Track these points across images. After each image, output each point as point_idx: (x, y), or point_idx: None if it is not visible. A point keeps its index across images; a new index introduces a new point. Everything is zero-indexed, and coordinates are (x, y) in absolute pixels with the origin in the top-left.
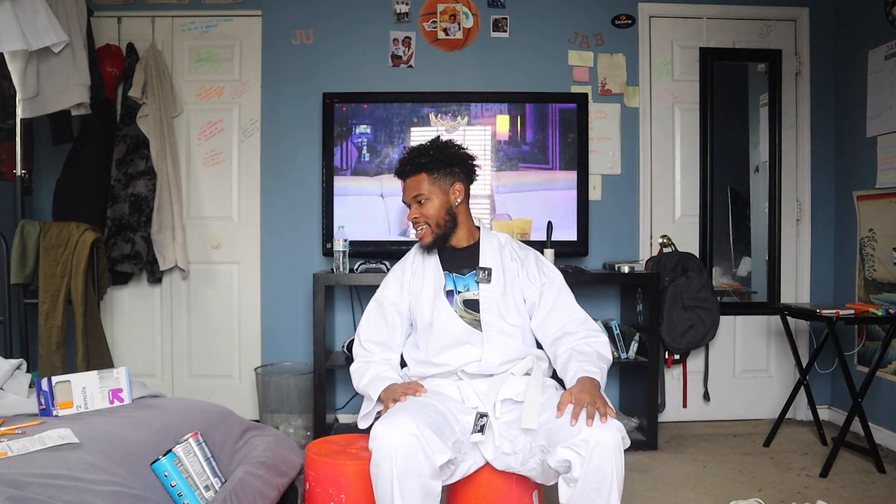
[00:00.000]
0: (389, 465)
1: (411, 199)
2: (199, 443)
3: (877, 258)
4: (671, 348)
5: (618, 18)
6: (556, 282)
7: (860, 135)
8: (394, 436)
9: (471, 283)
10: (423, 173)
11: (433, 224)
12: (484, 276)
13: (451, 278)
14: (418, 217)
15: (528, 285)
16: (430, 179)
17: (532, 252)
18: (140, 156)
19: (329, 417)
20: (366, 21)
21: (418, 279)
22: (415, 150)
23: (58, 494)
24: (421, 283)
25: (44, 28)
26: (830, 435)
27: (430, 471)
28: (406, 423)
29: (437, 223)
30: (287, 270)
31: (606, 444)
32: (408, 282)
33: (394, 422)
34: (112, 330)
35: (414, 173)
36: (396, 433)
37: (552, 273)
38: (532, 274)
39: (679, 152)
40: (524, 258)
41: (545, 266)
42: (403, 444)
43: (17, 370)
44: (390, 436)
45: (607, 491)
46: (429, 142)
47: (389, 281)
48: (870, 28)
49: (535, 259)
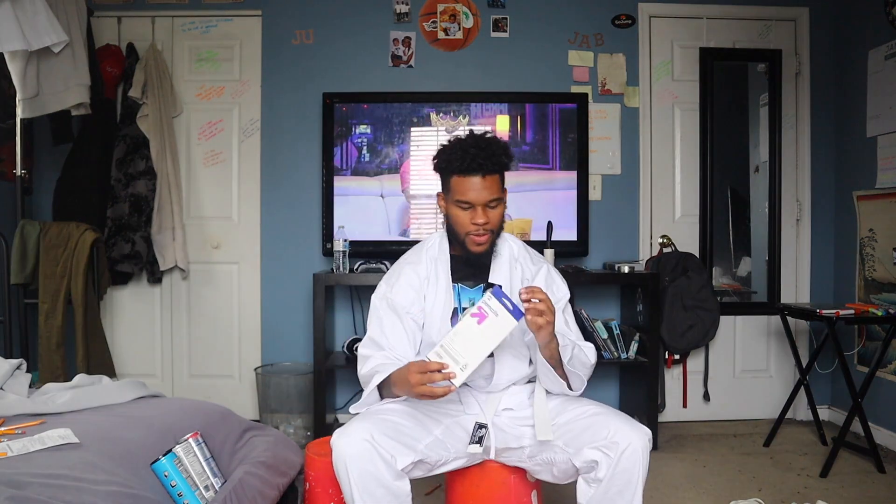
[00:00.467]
0: (346, 471)
1: (482, 202)
2: (199, 443)
3: (877, 258)
4: (671, 348)
5: (618, 18)
6: (561, 303)
7: (860, 135)
8: (347, 444)
9: (476, 298)
10: (500, 174)
11: (495, 232)
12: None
13: (456, 291)
14: (486, 223)
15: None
16: (501, 181)
17: (544, 267)
18: (140, 156)
19: (329, 417)
20: (366, 21)
21: (432, 291)
22: (490, 144)
23: (58, 494)
24: (434, 298)
25: (44, 28)
26: (830, 435)
27: (391, 474)
28: (359, 431)
29: (496, 232)
30: (287, 270)
31: (636, 447)
32: (423, 292)
33: (348, 430)
34: (112, 330)
35: (493, 172)
36: (349, 441)
37: (560, 293)
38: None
39: (679, 152)
40: (534, 275)
41: (555, 285)
42: (357, 451)
43: (17, 370)
44: (343, 444)
45: (631, 493)
46: (489, 136)
47: (402, 285)
48: (870, 28)
49: (545, 275)
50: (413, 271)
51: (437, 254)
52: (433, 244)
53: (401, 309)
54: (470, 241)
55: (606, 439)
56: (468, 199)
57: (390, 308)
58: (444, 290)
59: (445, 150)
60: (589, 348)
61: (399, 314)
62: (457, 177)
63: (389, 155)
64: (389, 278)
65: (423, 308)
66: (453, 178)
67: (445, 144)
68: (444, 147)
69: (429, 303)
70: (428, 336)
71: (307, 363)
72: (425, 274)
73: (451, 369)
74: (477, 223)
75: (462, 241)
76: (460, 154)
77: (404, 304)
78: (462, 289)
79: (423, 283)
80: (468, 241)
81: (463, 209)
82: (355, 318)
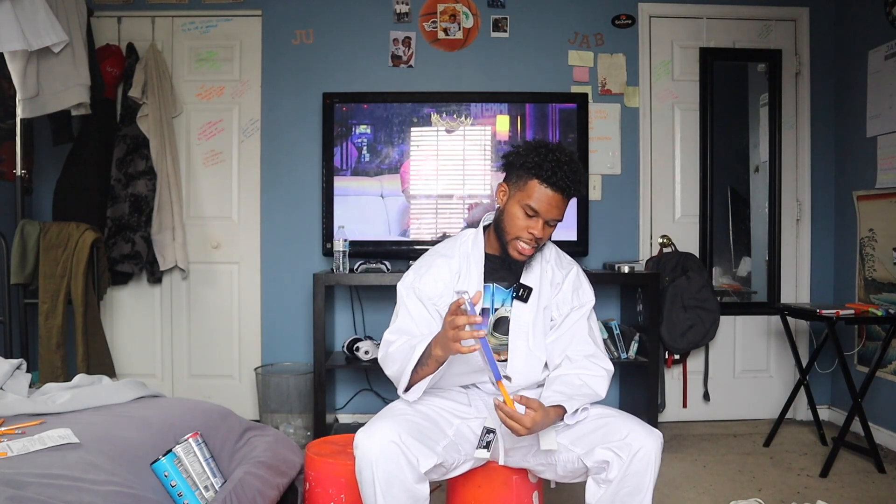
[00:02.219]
0: (371, 472)
1: (549, 218)
2: (199, 443)
3: (877, 258)
4: (671, 348)
5: (618, 18)
6: (585, 308)
7: (860, 135)
8: (374, 444)
9: (508, 299)
10: (572, 198)
11: (543, 243)
12: (523, 295)
13: (489, 291)
14: (542, 238)
15: (557, 308)
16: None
17: (574, 269)
18: (140, 156)
19: (329, 417)
20: (366, 21)
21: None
22: (579, 170)
23: (58, 494)
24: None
25: (44, 28)
26: (830, 435)
27: (413, 477)
28: (386, 431)
29: (541, 248)
30: (287, 270)
31: (648, 450)
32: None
33: (373, 430)
34: (112, 330)
35: (571, 196)
36: (376, 441)
37: (585, 298)
38: (566, 297)
39: (679, 152)
40: (563, 278)
41: (581, 289)
42: (384, 453)
43: (17, 370)
44: (370, 444)
45: (641, 497)
46: (571, 156)
47: (431, 277)
48: (870, 28)
49: (573, 279)
50: (445, 264)
51: (470, 250)
52: (467, 240)
53: (427, 300)
54: (516, 246)
55: (620, 440)
56: (539, 209)
57: (417, 298)
58: (474, 289)
59: (538, 150)
60: (597, 378)
61: (425, 304)
62: (539, 183)
63: (389, 155)
64: (419, 268)
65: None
66: (534, 182)
67: (536, 143)
68: (535, 146)
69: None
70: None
71: (307, 363)
72: (457, 269)
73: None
74: (533, 233)
75: (506, 242)
76: (554, 164)
77: (431, 296)
78: (497, 289)
79: (454, 277)
80: (514, 245)
81: (527, 214)
82: (355, 318)
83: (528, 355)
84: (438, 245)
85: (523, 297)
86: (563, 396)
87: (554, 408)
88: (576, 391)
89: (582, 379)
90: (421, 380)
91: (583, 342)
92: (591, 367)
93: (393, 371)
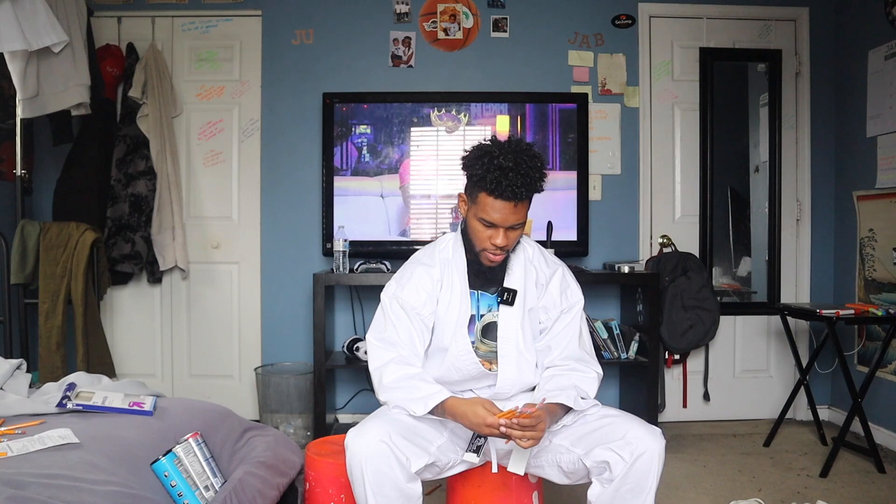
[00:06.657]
0: (360, 471)
1: (506, 225)
2: (199, 443)
3: (877, 258)
4: (671, 348)
5: (618, 18)
6: (574, 309)
7: (860, 135)
8: (363, 443)
9: (493, 304)
10: (531, 198)
11: (510, 250)
12: (508, 298)
13: (475, 297)
14: (506, 245)
15: (545, 311)
16: (529, 203)
17: (559, 270)
18: (140, 156)
19: (329, 417)
20: (366, 21)
21: (445, 296)
22: (530, 169)
23: (58, 494)
24: (448, 304)
25: (44, 28)
26: (830, 435)
27: (404, 476)
28: (376, 431)
29: (513, 249)
30: (287, 270)
31: (652, 451)
32: (435, 296)
33: (364, 430)
34: (112, 330)
35: (526, 199)
36: (365, 441)
37: (574, 298)
38: (553, 299)
39: (679, 152)
40: (548, 279)
41: (569, 289)
42: (374, 452)
43: (17, 370)
44: (360, 443)
45: (644, 497)
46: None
47: (413, 286)
48: (870, 28)
49: (560, 280)
50: (426, 273)
51: (450, 256)
52: (446, 246)
53: (410, 309)
54: (484, 256)
55: (622, 441)
56: (495, 220)
57: (401, 307)
58: (458, 297)
59: (481, 160)
60: (587, 380)
61: (409, 314)
62: (488, 195)
63: (389, 155)
64: (401, 277)
65: (435, 312)
66: (483, 195)
67: (481, 150)
68: (479, 154)
69: (442, 307)
70: (440, 341)
71: (307, 363)
72: (438, 277)
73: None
74: (495, 244)
75: (476, 253)
76: (497, 175)
77: (414, 305)
78: (482, 295)
79: (436, 286)
80: (482, 256)
81: (484, 226)
82: (355, 318)
83: (518, 359)
84: (418, 253)
85: (508, 300)
86: (560, 392)
87: (553, 405)
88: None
89: (572, 381)
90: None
91: (573, 347)
92: (583, 369)
93: (387, 399)
